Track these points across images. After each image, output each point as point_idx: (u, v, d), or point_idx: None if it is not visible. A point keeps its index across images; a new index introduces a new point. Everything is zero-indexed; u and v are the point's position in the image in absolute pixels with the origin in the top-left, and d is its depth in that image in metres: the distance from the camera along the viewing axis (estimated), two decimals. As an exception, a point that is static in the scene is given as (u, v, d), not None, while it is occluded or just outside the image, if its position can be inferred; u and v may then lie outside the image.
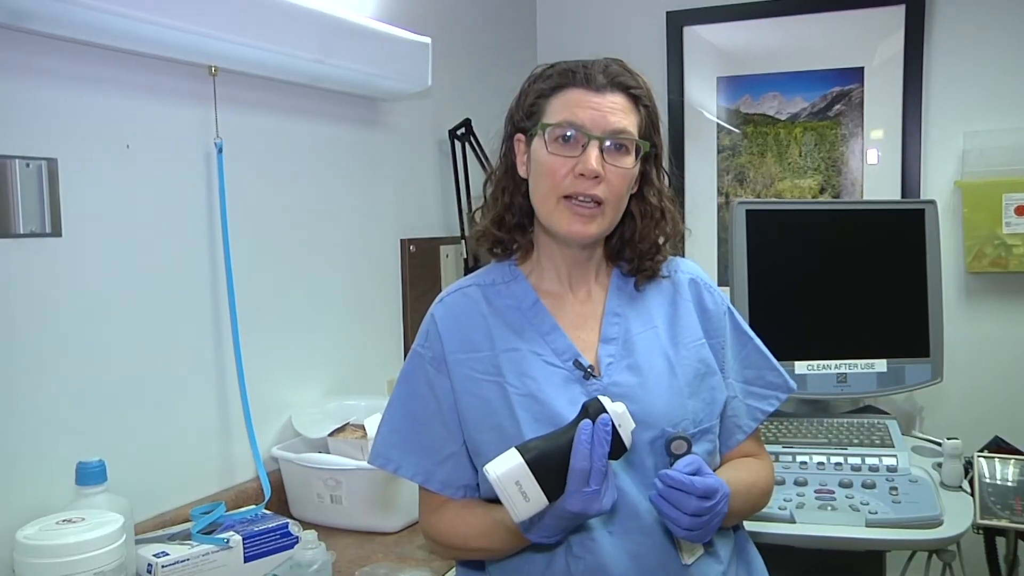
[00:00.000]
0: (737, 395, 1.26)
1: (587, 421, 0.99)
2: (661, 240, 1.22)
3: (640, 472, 1.13)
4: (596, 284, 1.23)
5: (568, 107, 1.13)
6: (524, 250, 1.24)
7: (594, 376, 1.15)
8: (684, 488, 1.03)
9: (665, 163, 1.24)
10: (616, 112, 1.13)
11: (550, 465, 0.99)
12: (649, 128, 1.18)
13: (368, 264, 2.08)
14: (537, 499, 0.98)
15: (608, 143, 1.12)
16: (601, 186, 1.11)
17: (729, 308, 1.29)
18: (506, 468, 0.98)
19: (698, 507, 1.03)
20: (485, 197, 1.26)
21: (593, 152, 1.10)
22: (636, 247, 1.21)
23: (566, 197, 1.12)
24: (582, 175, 1.10)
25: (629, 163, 1.13)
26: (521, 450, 0.99)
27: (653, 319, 1.21)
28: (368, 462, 1.23)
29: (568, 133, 1.12)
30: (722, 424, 1.23)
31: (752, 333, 1.30)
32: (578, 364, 1.15)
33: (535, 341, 1.17)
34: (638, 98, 1.16)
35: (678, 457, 1.11)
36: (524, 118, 1.19)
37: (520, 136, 1.20)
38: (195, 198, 1.60)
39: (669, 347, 1.19)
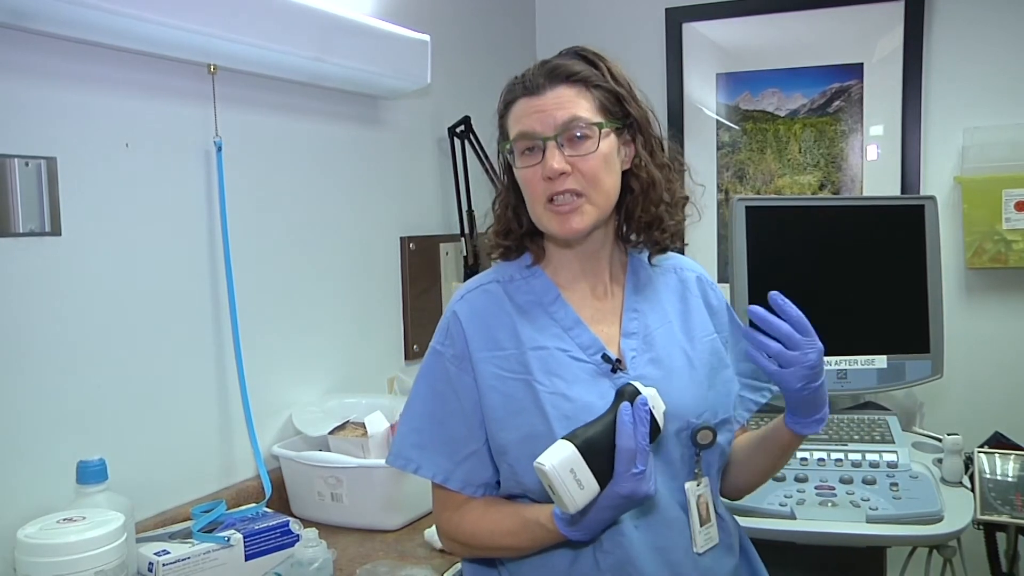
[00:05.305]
0: None
1: (626, 404, 1.01)
2: (659, 209, 1.19)
3: (667, 464, 1.14)
4: (612, 281, 1.23)
5: (518, 119, 1.15)
6: (536, 256, 1.24)
7: (621, 370, 1.15)
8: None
9: (656, 130, 1.21)
10: (562, 105, 1.12)
11: (598, 450, 1.00)
12: (612, 104, 1.16)
13: (368, 262, 2.08)
14: (590, 486, 0.99)
15: (561, 138, 1.12)
16: (572, 179, 1.12)
17: (727, 304, 1.31)
18: (560, 458, 0.98)
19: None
20: (495, 212, 1.26)
21: (552, 153, 1.11)
22: (638, 221, 1.20)
23: (548, 201, 1.13)
24: (549, 178, 1.11)
25: (592, 147, 1.12)
26: (569, 438, 1.00)
27: (667, 315, 1.22)
28: (387, 463, 1.22)
29: (527, 144, 1.13)
30: None
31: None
32: (606, 358, 1.15)
33: (560, 337, 1.17)
34: (585, 80, 1.15)
35: (704, 447, 1.13)
36: (502, 138, 1.21)
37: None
38: (195, 197, 1.59)
39: (685, 341, 1.21)
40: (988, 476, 1.72)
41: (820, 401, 1.15)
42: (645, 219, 1.19)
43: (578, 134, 1.12)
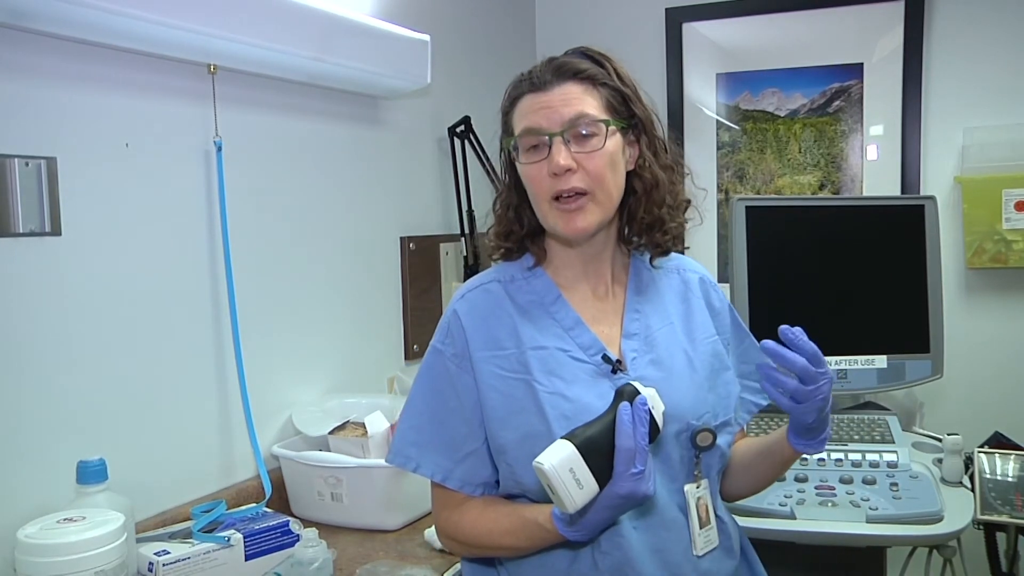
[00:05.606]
0: None
1: (626, 403, 1.01)
2: (661, 211, 1.19)
3: (666, 465, 1.13)
4: (614, 282, 1.23)
5: (524, 115, 1.14)
6: (537, 257, 1.23)
7: (621, 370, 1.15)
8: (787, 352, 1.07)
9: (660, 132, 1.21)
10: (569, 102, 1.12)
11: (597, 450, 0.99)
12: (619, 103, 1.16)
13: (368, 262, 2.08)
14: (590, 485, 0.99)
15: (568, 134, 1.12)
16: (577, 176, 1.11)
17: (730, 305, 1.31)
18: (560, 457, 0.98)
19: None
20: (495, 213, 1.26)
21: (558, 149, 1.11)
22: (640, 222, 1.20)
23: (554, 199, 1.13)
24: (555, 174, 1.11)
25: (598, 144, 1.12)
26: (569, 438, 1.00)
27: (669, 316, 1.22)
28: (386, 461, 1.22)
29: (532, 140, 1.13)
30: None
31: (748, 330, 1.32)
32: (606, 358, 1.15)
33: (560, 337, 1.17)
34: (592, 78, 1.15)
35: (704, 449, 1.13)
36: (506, 135, 1.20)
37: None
38: (195, 197, 1.59)
39: (686, 342, 1.20)
40: (988, 476, 1.72)
41: (825, 424, 1.16)
42: (647, 220, 1.19)
43: (584, 131, 1.12)
